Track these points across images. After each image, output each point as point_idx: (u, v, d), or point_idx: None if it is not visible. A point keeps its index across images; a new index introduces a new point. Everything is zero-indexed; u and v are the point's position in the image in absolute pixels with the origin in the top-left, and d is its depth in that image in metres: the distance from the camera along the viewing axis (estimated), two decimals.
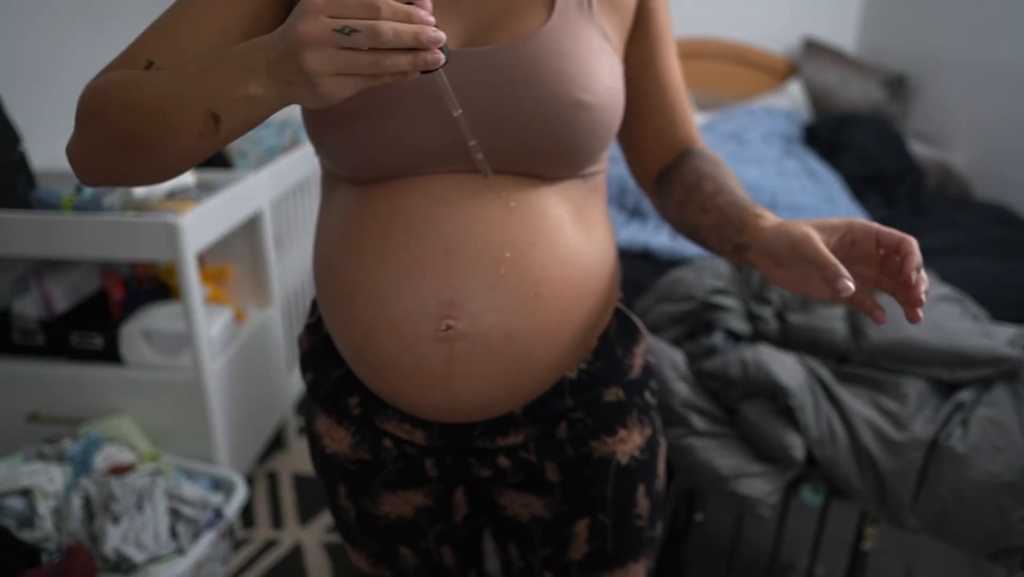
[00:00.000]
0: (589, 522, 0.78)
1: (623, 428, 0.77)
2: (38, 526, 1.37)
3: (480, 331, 0.65)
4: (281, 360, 2.06)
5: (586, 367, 0.74)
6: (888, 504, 1.22)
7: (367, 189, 0.69)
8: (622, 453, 0.77)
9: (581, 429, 0.75)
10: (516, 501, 0.80)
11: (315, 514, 1.90)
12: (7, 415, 1.66)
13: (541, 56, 0.64)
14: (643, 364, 0.80)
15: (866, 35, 3.58)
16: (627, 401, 0.77)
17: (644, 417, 0.79)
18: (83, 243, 1.49)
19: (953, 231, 2.24)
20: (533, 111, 0.64)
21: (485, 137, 0.64)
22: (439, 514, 0.82)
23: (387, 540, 0.82)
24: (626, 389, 0.77)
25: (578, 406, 0.75)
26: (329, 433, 0.80)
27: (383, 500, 0.80)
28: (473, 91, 0.63)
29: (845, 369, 1.36)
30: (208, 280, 1.89)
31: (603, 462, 0.76)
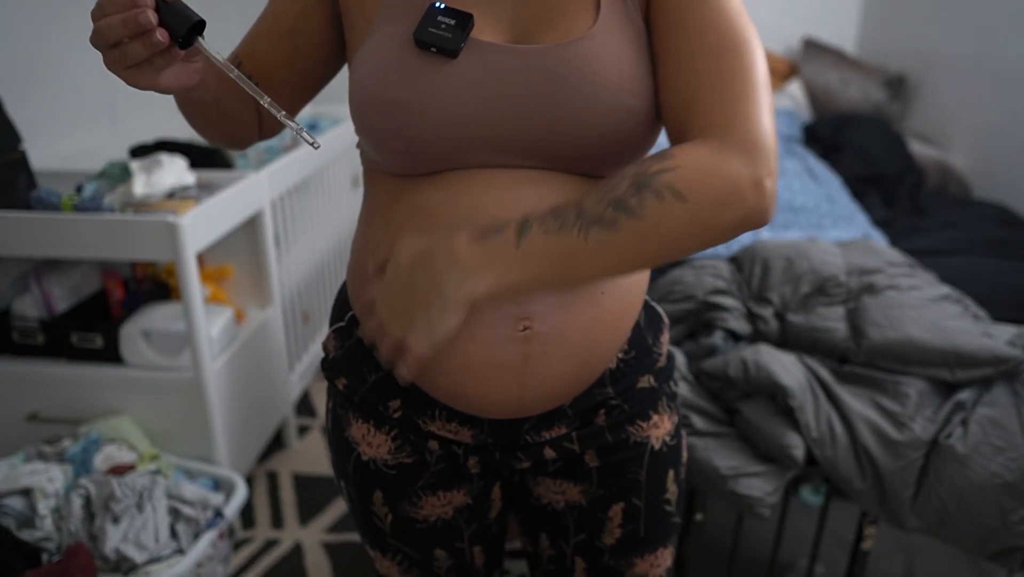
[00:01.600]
0: (624, 506, 0.80)
1: (656, 413, 0.79)
2: (38, 526, 1.37)
3: (555, 328, 0.67)
4: (281, 360, 2.06)
5: (623, 356, 0.77)
6: (888, 504, 1.22)
7: (422, 184, 0.69)
8: (655, 438, 0.79)
9: (619, 415, 0.77)
10: (552, 489, 0.82)
11: (315, 514, 1.90)
12: (7, 415, 1.66)
13: (590, 59, 0.64)
14: (668, 353, 0.83)
15: (866, 35, 3.58)
16: (657, 388, 0.80)
17: (672, 404, 0.82)
18: (83, 243, 1.49)
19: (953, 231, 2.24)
20: (582, 114, 0.64)
21: (530, 135, 0.65)
22: (476, 512, 0.83)
23: (424, 543, 0.82)
24: (656, 376, 0.80)
25: (616, 394, 0.77)
26: (366, 439, 0.78)
27: (423, 503, 0.80)
28: (520, 89, 0.64)
29: (845, 369, 1.36)
30: (208, 280, 1.89)
31: (639, 446, 0.79)
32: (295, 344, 2.25)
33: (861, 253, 1.59)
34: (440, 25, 0.65)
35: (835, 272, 1.50)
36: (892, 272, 1.51)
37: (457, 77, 0.65)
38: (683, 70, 0.64)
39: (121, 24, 0.57)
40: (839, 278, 1.49)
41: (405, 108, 0.65)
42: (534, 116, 0.65)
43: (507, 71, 0.65)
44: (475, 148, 0.66)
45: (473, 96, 0.65)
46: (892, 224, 2.40)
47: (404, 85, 0.65)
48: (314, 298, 2.45)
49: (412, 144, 0.67)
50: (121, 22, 0.57)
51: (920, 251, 1.98)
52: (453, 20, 0.66)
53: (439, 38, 0.65)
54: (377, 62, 0.67)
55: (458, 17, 0.66)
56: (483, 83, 0.65)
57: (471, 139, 0.66)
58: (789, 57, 3.55)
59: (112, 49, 0.58)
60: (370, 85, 0.67)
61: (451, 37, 0.65)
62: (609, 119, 0.65)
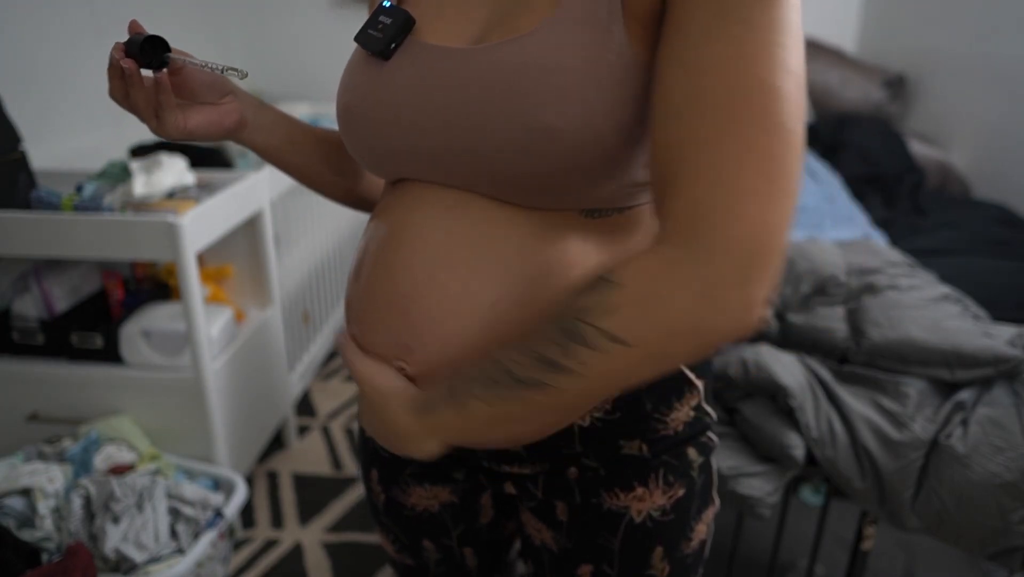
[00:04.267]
0: (592, 570, 0.72)
1: (641, 485, 0.68)
2: (38, 526, 1.37)
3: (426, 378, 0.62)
4: (281, 360, 2.06)
5: (601, 416, 0.65)
6: (888, 504, 1.22)
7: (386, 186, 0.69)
8: (637, 511, 0.68)
9: (593, 477, 0.68)
10: (531, 522, 0.77)
11: (315, 514, 1.90)
12: (7, 415, 1.66)
13: (518, 65, 0.53)
14: (689, 418, 0.69)
15: (866, 35, 3.58)
16: (651, 458, 0.67)
17: (675, 477, 0.69)
18: (83, 243, 1.49)
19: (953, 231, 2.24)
20: (497, 130, 0.54)
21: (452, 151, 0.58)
22: (464, 513, 0.81)
23: (412, 531, 0.82)
24: (652, 445, 0.67)
25: (590, 454, 0.67)
26: None
27: (411, 491, 0.79)
28: (446, 97, 0.57)
29: (845, 369, 1.36)
30: (208, 280, 1.89)
31: (614, 515, 0.69)
32: (295, 344, 2.25)
33: (861, 253, 1.59)
34: (378, 26, 0.62)
35: (835, 272, 1.50)
36: (892, 272, 1.51)
37: (388, 83, 0.61)
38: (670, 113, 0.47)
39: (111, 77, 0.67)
40: (839, 278, 1.49)
41: (349, 114, 0.64)
42: (457, 131, 0.57)
43: (438, 77, 0.58)
44: (407, 159, 0.61)
45: (402, 103, 0.60)
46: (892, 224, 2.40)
47: (347, 91, 0.65)
48: (314, 298, 2.45)
49: (354, 149, 0.66)
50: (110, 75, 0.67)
51: (920, 251, 1.98)
52: (390, 19, 0.61)
53: (371, 39, 0.62)
54: (347, 65, 0.67)
55: (395, 16, 0.61)
56: (412, 89, 0.59)
57: (401, 150, 0.61)
58: None
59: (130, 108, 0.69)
60: (337, 93, 0.67)
61: (381, 38, 0.61)
62: (522, 140, 0.53)
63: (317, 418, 2.33)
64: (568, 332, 0.48)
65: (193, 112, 0.71)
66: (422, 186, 0.62)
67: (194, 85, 0.71)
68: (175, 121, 0.69)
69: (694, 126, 0.45)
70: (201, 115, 0.71)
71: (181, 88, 0.71)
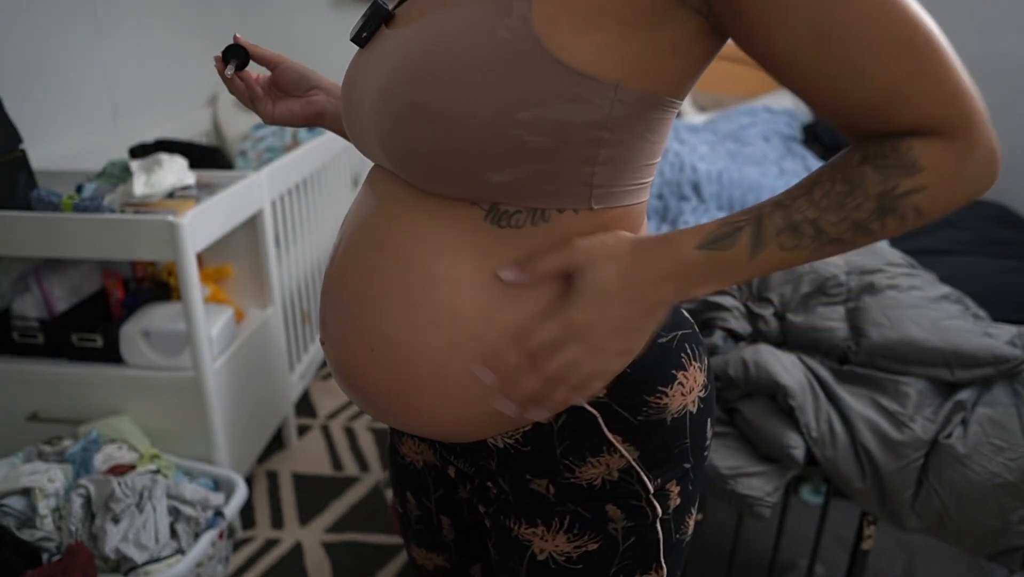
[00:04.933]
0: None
1: (543, 525, 0.65)
2: (38, 526, 1.37)
3: (337, 362, 0.66)
4: (281, 360, 2.06)
5: (513, 443, 0.63)
6: (888, 504, 1.22)
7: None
8: (539, 548, 0.66)
9: (504, 502, 0.67)
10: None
11: (315, 514, 1.90)
12: (7, 415, 1.66)
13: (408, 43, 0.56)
14: (613, 478, 0.63)
15: None
16: (557, 503, 0.64)
17: (583, 529, 0.64)
18: (83, 243, 1.49)
19: (953, 231, 2.24)
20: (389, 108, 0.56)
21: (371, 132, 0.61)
22: (442, 479, 0.79)
23: (400, 479, 0.84)
24: (561, 490, 0.64)
25: (504, 476, 0.66)
26: None
27: (404, 441, 0.81)
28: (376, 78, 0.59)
29: (845, 369, 1.36)
30: (208, 280, 1.89)
31: (520, 544, 0.67)
32: (295, 344, 2.25)
33: (861, 253, 1.59)
34: (365, 16, 0.64)
35: (835, 272, 1.50)
36: (892, 272, 1.51)
37: (356, 68, 0.65)
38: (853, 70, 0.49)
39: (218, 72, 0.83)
40: (839, 278, 1.49)
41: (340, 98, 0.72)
42: (372, 112, 0.59)
43: (379, 60, 0.60)
44: (360, 145, 0.66)
45: (359, 89, 0.62)
46: None
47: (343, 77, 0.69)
48: (314, 298, 2.45)
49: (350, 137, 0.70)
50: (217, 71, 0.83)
51: (920, 251, 1.98)
52: (371, 11, 0.63)
53: (355, 29, 0.65)
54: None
55: (374, 8, 0.63)
56: (364, 74, 0.62)
57: (356, 136, 0.66)
58: None
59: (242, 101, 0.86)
60: None
61: (358, 28, 0.64)
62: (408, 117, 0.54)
63: (317, 418, 2.33)
64: (884, 206, 0.52)
65: (281, 102, 0.85)
66: (376, 171, 0.66)
67: (284, 82, 0.85)
68: (264, 109, 0.84)
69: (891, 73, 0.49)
70: (285, 105, 0.85)
71: (276, 84, 0.85)
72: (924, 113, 0.50)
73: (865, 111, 0.51)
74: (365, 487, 1.99)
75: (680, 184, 2.43)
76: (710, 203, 2.39)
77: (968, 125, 0.51)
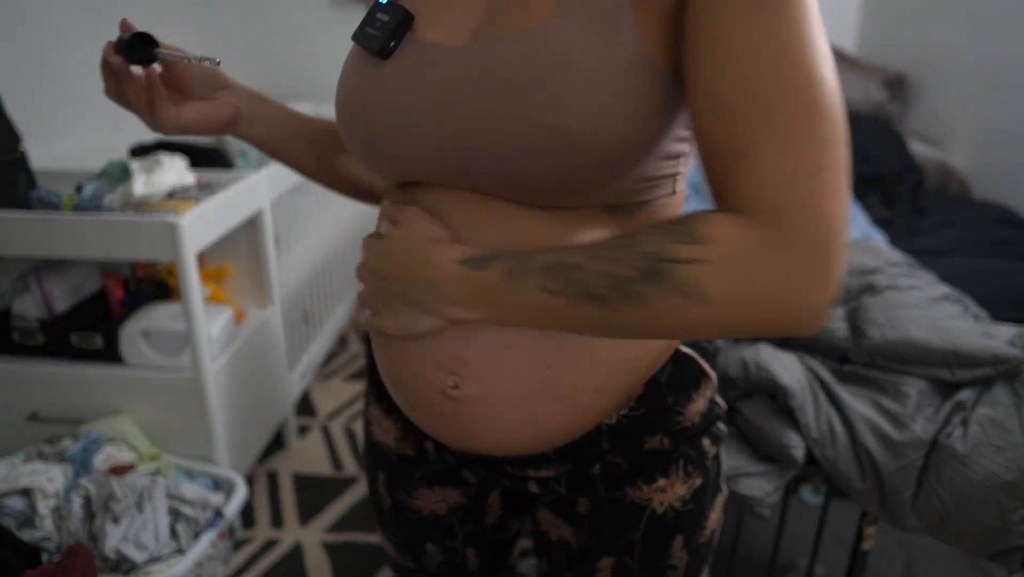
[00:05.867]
0: (614, 562, 0.73)
1: (664, 477, 0.69)
2: (38, 526, 1.37)
3: (485, 396, 0.62)
4: (281, 360, 2.06)
5: (628, 413, 0.66)
6: (888, 504, 1.22)
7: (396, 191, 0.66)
8: (659, 502, 0.70)
9: (617, 472, 0.69)
10: (548, 519, 0.77)
11: (315, 514, 1.90)
12: (7, 415, 1.66)
13: (518, 62, 0.52)
14: (704, 409, 0.70)
15: (866, 35, 3.58)
16: (672, 450, 0.69)
17: (694, 467, 0.70)
18: (83, 243, 1.49)
19: (953, 231, 2.24)
20: (510, 133, 0.52)
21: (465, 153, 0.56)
22: (471, 514, 0.81)
23: (416, 534, 0.82)
24: (673, 438, 0.69)
25: (616, 450, 0.68)
26: (378, 421, 0.80)
27: (419, 495, 0.79)
28: (450, 98, 0.55)
29: (845, 369, 1.36)
30: (208, 280, 1.88)
31: (637, 508, 0.70)
32: (295, 344, 2.25)
33: (861, 253, 1.59)
34: (376, 23, 0.59)
35: None
36: (892, 272, 1.51)
37: (388, 83, 0.59)
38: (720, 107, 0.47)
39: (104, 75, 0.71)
40: None
41: (350, 113, 0.62)
42: (467, 134, 0.55)
43: (441, 77, 0.56)
44: (414, 163, 0.60)
45: (407, 103, 0.57)
46: (892, 224, 2.40)
47: (346, 90, 0.63)
48: (314, 298, 2.45)
49: (355, 150, 0.64)
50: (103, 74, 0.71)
51: (920, 251, 1.98)
52: (388, 16, 0.58)
53: (369, 37, 0.59)
54: (345, 63, 0.65)
55: (393, 13, 0.58)
56: (414, 88, 0.57)
57: (411, 152, 0.59)
58: None
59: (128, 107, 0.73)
60: (336, 91, 0.65)
61: (379, 36, 0.59)
62: (548, 143, 0.52)
63: (317, 418, 2.33)
64: (655, 269, 0.47)
65: (187, 106, 0.73)
66: (440, 191, 0.60)
67: (188, 80, 0.73)
68: (168, 115, 0.71)
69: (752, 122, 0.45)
70: (195, 109, 0.73)
71: (176, 84, 0.74)
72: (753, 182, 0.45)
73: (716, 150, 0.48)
74: (365, 487, 2.00)
75: None
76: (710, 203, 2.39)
77: (791, 219, 0.44)
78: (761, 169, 0.45)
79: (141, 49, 0.68)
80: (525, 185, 0.56)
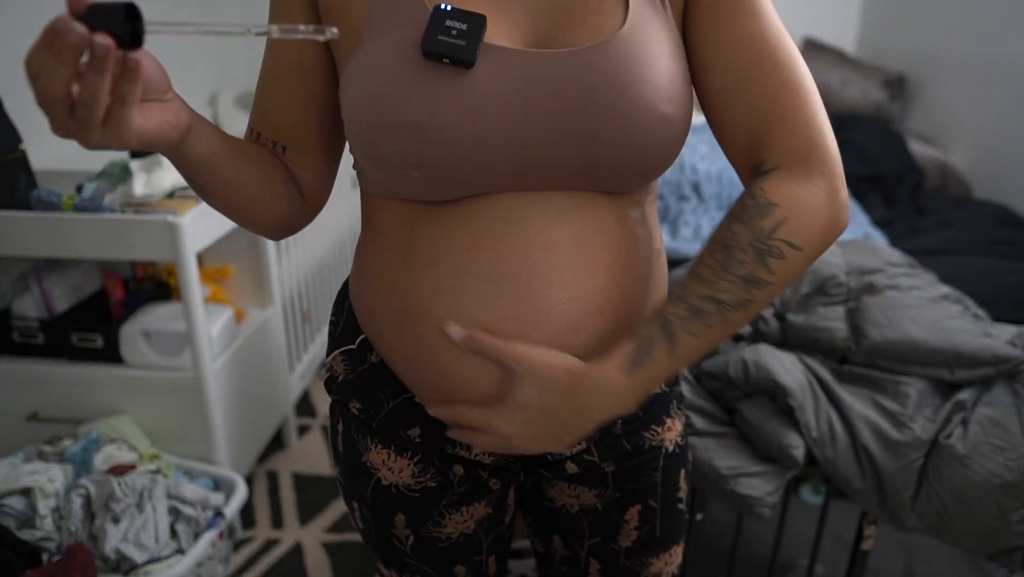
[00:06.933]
0: (640, 508, 0.79)
1: (668, 417, 0.79)
2: (38, 526, 1.37)
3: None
4: (281, 360, 2.06)
5: None
6: (888, 504, 1.22)
7: (441, 212, 0.63)
8: (669, 441, 0.78)
9: (635, 423, 0.76)
10: (566, 493, 0.80)
11: (315, 514, 1.90)
12: (7, 415, 1.66)
13: (622, 63, 0.58)
14: None
15: (866, 35, 3.58)
16: (669, 392, 0.79)
17: (680, 406, 0.81)
18: (83, 243, 1.49)
19: (953, 231, 2.24)
20: (617, 124, 0.58)
21: (561, 154, 0.59)
22: (495, 520, 0.82)
23: (444, 561, 0.81)
24: (667, 382, 0.79)
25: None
26: (387, 464, 0.75)
27: (447, 521, 0.78)
28: (546, 101, 0.58)
29: (845, 369, 1.36)
30: (208, 280, 1.89)
31: (654, 450, 0.77)
32: (295, 344, 2.25)
33: (861, 253, 1.59)
34: (450, 31, 0.56)
35: (835, 272, 1.50)
36: (892, 272, 1.51)
37: (475, 92, 0.57)
38: (750, 86, 0.61)
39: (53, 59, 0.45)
40: (839, 278, 1.49)
41: (420, 132, 0.57)
42: (563, 132, 0.58)
43: (530, 82, 0.58)
44: (500, 172, 0.60)
45: (495, 113, 0.58)
46: (892, 224, 2.40)
47: (417, 105, 0.57)
48: (314, 298, 2.45)
49: (429, 171, 0.60)
50: (52, 58, 0.45)
51: (920, 251, 1.98)
52: (464, 24, 0.56)
53: (451, 47, 0.56)
54: (379, 78, 0.59)
55: (469, 20, 0.57)
56: (505, 96, 0.58)
57: (495, 163, 0.59)
58: None
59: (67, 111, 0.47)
60: (374, 106, 0.59)
61: (464, 45, 0.56)
62: (645, 130, 0.59)
63: (317, 418, 2.33)
64: (760, 251, 0.58)
65: (148, 111, 0.52)
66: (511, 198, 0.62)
67: (147, 74, 0.51)
68: (137, 123, 0.50)
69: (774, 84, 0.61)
70: (157, 114, 0.53)
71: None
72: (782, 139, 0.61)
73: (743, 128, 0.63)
74: None
75: (680, 184, 2.43)
76: (710, 203, 2.39)
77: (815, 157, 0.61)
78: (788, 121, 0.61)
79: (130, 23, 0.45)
80: (620, 172, 0.62)
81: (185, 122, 0.56)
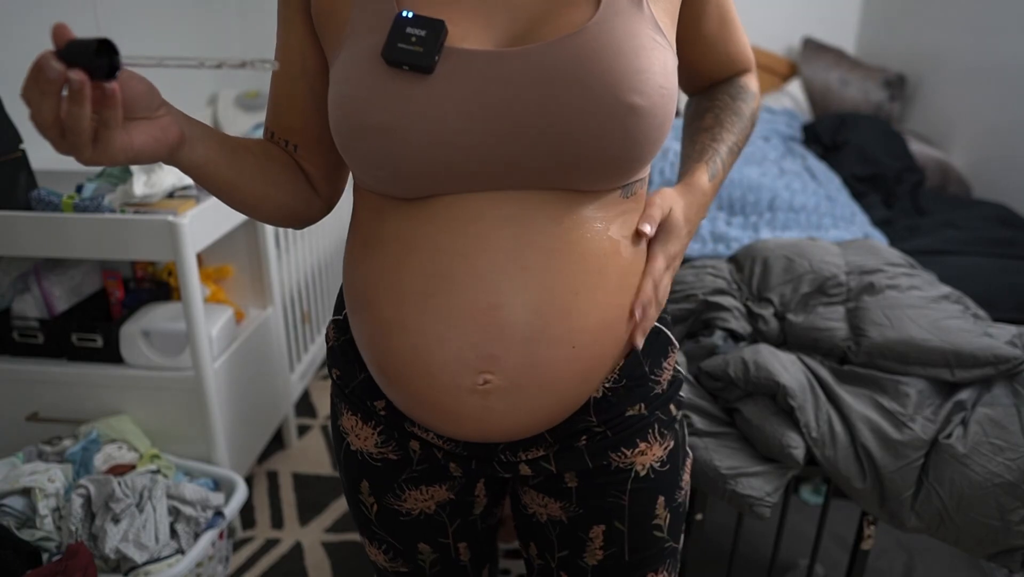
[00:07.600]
0: (604, 529, 0.77)
1: (643, 442, 0.76)
2: (38, 526, 1.37)
3: (516, 383, 0.65)
4: (281, 360, 2.06)
5: (611, 385, 0.73)
6: (888, 504, 1.22)
7: (408, 209, 0.65)
8: (641, 465, 0.76)
9: (601, 441, 0.75)
10: (535, 501, 0.81)
11: (315, 514, 1.90)
12: (7, 415, 1.66)
13: (586, 54, 0.59)
14: (671, 377, 0.79)
15: (866, 35, 3.58)
16: (648, 416, 0.76)
17: (666, 430, 0.78)
18: (83, 243, 1.49)
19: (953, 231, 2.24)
20: (580, 117, 0.59)
21: (522, 151, 0.60)
22: (460, 508, 0.83)
23: (407, 535, 0.83)
24: (649, 404, 0.76)
25: (600, 422, 0.74)
26: (354, 431, 0.80)
27: (407, 496, 0.80)
28: (504, 100, 0.59)
29: (845, 369, 1.36)
30: (208, 280, 1.89)
31: (621, 472, 0.76)
32: (295, 344, 2.25)
33: (861, 253, 1.59)
34: (410, 38, 0.59)
35: (835, 272, 1.50)
36: (892, 272, 1.51)
37: (435, 96, 0.59)
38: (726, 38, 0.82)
39: (39, 92, 0.54)
40: (839, 278, 1.49)
41: (384, 134, 0.61)
42: (522, 129, 0.59)
43: (489, 81, 0.59)
44: (459, 172, 0.62)
45: (454, 115, 0.59)
46: (892, 224, 2.40)
47: (379, 109, 0.60)
48: (314, 298, 2.45)
49: (395, 172, 0.63)
50: (38, 91, 0.54)
51: (920, 251, 1.98)
52: (423, 31, 0.59)
53: (409, 54, 0.58)
54: (349, 84, 0.63)
55: (428, 27, 0.59)
56: (464, 99, 0.59)
57: (454, 163, 0.61)
58: (789, 57, 3.55)
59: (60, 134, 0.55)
60: (345, 110, 0.63)
61: (422, 52, 0.58)
62: (609, 121, 0.59)
63: (317, 418, 2.33)
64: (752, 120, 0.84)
65: (135, 129, 0.58)
66: (472, 198, 0.63)
67: (132, 96, 0.57)
68: (121, 142, 0.56)
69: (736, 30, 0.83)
70: (144, 131, 0.58)
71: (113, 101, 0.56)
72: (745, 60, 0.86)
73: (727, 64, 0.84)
74: None
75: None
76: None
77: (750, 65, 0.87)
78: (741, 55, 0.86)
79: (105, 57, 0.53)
80: (585, 167, 0.62)
81: (175, 136, 0.61)
